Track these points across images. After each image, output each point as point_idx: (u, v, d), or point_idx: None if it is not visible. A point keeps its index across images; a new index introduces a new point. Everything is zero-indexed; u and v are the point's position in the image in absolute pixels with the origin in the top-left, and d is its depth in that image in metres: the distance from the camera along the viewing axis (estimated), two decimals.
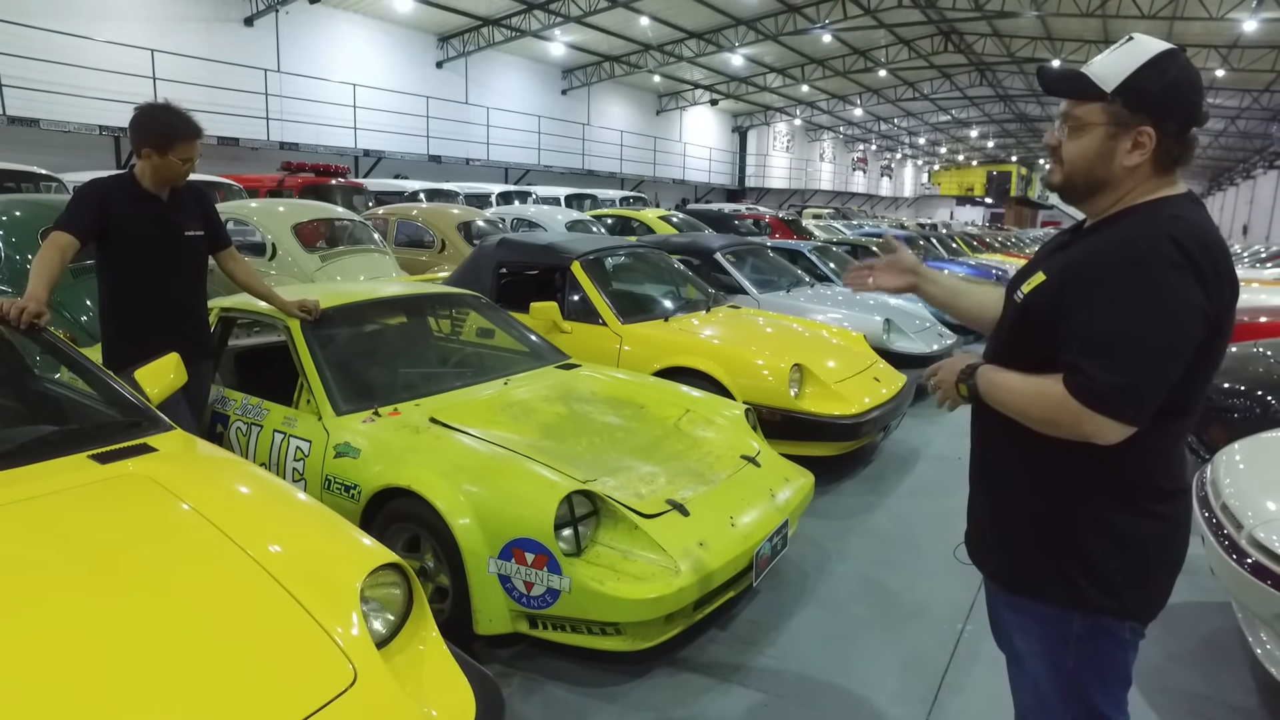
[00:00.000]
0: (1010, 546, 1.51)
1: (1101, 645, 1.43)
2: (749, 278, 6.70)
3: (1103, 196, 1.40)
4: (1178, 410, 1.34)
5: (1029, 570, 1.47)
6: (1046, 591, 1.45)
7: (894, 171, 48.56)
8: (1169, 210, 1.33)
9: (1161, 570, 1.44)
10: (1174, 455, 1.41)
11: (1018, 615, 1.52)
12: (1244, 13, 16.35)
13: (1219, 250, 1.29)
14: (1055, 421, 1.32)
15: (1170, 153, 1.34)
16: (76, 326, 4.25)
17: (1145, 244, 1.27)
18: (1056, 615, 1.44)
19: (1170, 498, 1.40)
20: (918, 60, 24.52)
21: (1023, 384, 1.38)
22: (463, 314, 4.46)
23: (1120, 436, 1.27)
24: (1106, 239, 1.35)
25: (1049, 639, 1.47)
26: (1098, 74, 1.35)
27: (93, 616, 1.52)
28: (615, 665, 2.66)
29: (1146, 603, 1.44)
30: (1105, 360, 1.25)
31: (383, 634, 1.75)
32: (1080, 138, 1.37)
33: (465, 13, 18.00)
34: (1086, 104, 1.36)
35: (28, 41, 11.36)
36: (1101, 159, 1.36)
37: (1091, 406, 1.26)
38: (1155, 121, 1.32)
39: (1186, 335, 1.26)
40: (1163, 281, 1.24)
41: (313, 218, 6.95)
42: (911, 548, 3.73)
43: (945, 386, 1.53)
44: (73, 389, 2.65)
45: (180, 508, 1.89)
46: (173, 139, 2.81)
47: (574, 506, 2.53)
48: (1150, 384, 1.26)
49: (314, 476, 2.95)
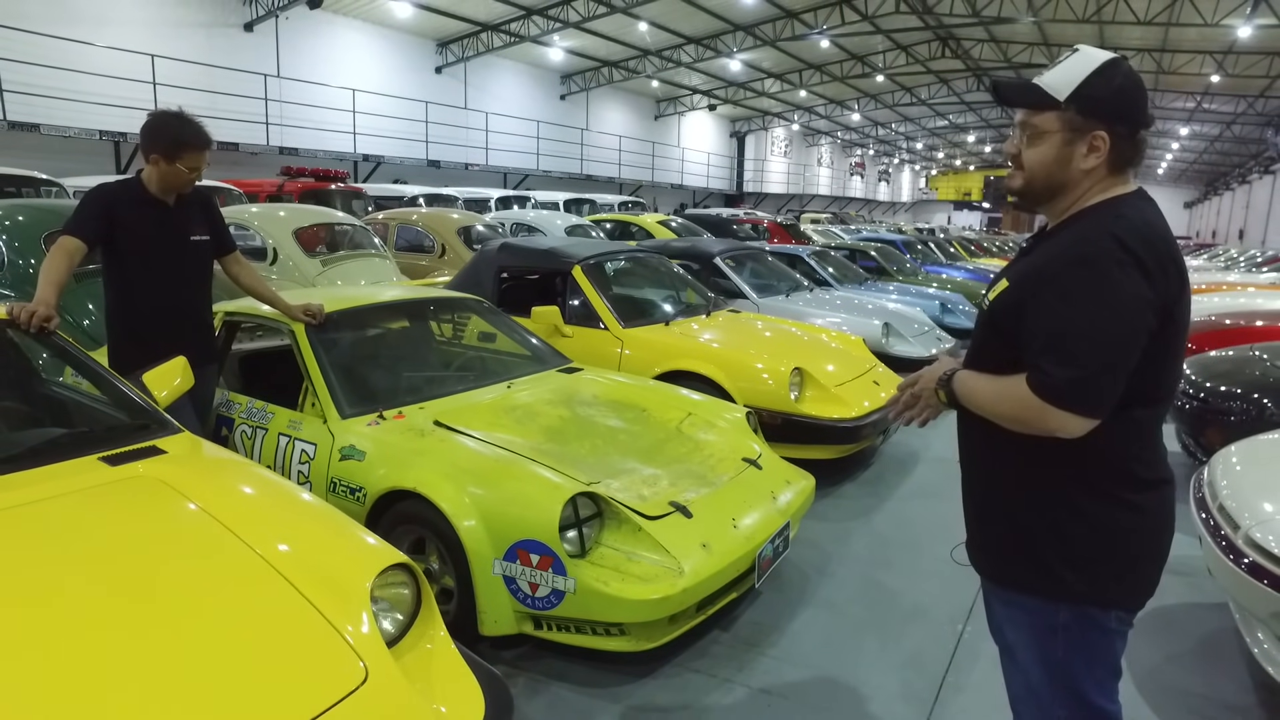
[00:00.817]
0: (996, 540, 1.57)
1: (1089, 635, 1.47)
2: (748, 282, 6.73)
3: (1061, 199, 1.47)
4: (1145, 400, 1.39)
5: (1014, 563, 1.53)
6: (1031, 583, 1.50)
7: (891, 176, 48.69)
8: (1115, 210, 1.40)
9: (1144, 560, 1.48)
10: (1150, 445, 1.46)
11: (1007, 608, 1.58)
12: (1238, 19, 16.44)
13: (1162, 243, 1.36)
14: (1021, 418, 1.38)
15: (1123, 154, 1.42)
16: (79, 330, 4.27)
17: (1091, 245, 1.35)
18: (1043, 606, 1.49)
19: (1149, 487, 1.45)
20: (915, 66, 24.62)
21: (991, 385, 1.45)
22: (465, 318, 4.48)
23: (1083, 429, 1.33)
24: (1058, 243, 1.43)
25: (1037, 629, 1.52)
26: (1050, 84, 1.42)
27: (105, 616, 1.54)
28: (619, 666, 2.68)
29: (1131, 592, 1.48)
30: (1060, 356, 1.31)
31: (392, 633, 1.77)
32: (1039, 145, 1.45)
33: (464, 18, 18.07)
34: (1042, 113, 1.44)
35: (29, 47, 11.39)
36: (1060, 163, 1.44)
37: (1052, 401, 1.32)
38: (1108, 125, 1.40)
39: (1136, 327, 1.32)
40: (1109, 278, 1.32)
41: (313, 222, 6.97)
42: (911, 549, 3.75)
43: (926, 395, 1.59)
44: (81, 392, 2.67)
45: (190, 509, 1.91)
46: (181, 148, 2.84)
47: (578, 508, 2.55)
48: (1104, 376, 1.31)
49: (319, 479, 2.97)
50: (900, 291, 8.45)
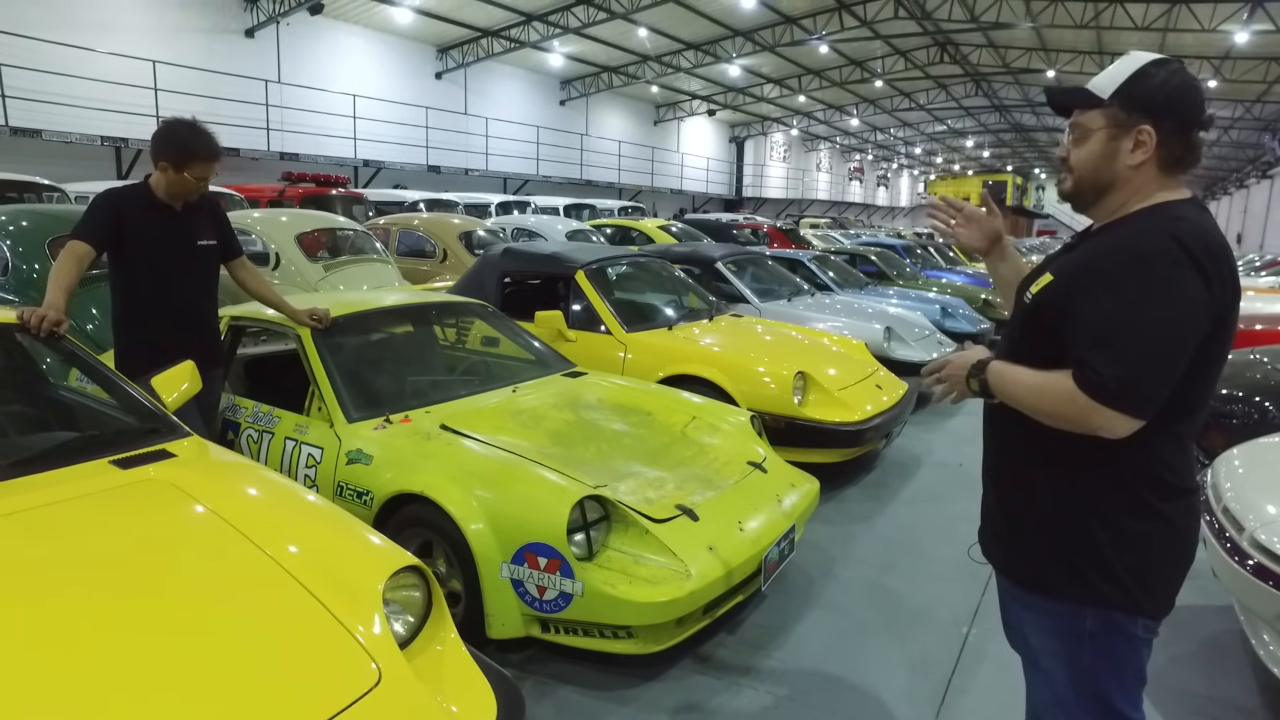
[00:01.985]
0: (1023, 543, 1.54)
1: (1115, 641, 1.45)
2: (750, 287, 6.75)
3: (1110, 199, 1.45)
4: (1184, 408, 1.37)
5: (1042, 566, 1.50)
6: (1059, 587, 1.47)
7: (890, 181, 48.78)
8: (1172, 212, 1.37)
9: (1171, 567, 1.46)
10: (1183, 453, 1.43)
11: (1032, 613, 1.54)
12: (1235, 24, 16.52)
13: (1221, 251, 1.33)
14: (1064, 415, 1.35)
15: (1174, 152, 1.39)
16: (83, 335, 4.28)
17: (1149, 242, 1.32)
18: (1070, 611, 1.46)
19: (1180, 495, 1.42)
20: (914, 71, 24.69)
21: (1033, 378, 1.41)
22: (469, 322, 4.49)
23: (1128, 430, 1.30)
24: (1111, 239, 1.40)
25: (1063, 635, 1.49)
26: (1097, 85, 1.44)
27: (118, 618, 1.55)
28: (627, 668, 2.69)
29: (1158, 599, 1.45)
30: (1111, 354, 1.28)
31: (403, 636, 1.78)
32: (1085, 143, 1.45)
33: (464, 24, 18.12)
34: (1089, 112, 1.44)
35: (31, 53, 11.41)
36: (1105, 160, 1.42)
37: (1099, 399, 1.29)
38: (1153, 120, 1.38)
39: (1190, 330, 1.29)
40: (1166, 278, 1.28)
41: (316, 227, 6.99)
42: (916, 552, 3.76)
43: (955, 380, 1.55)
44: (91, 396, 2.68)
45: (201, 512, 1.92)
46: (190, 157, 2.85)
47: (586, 511, 2.56)
48: (1155, 377, 1.29)
49: (326, 483, 2.97)
50: (901, 296, 8.47)
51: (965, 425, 5.96)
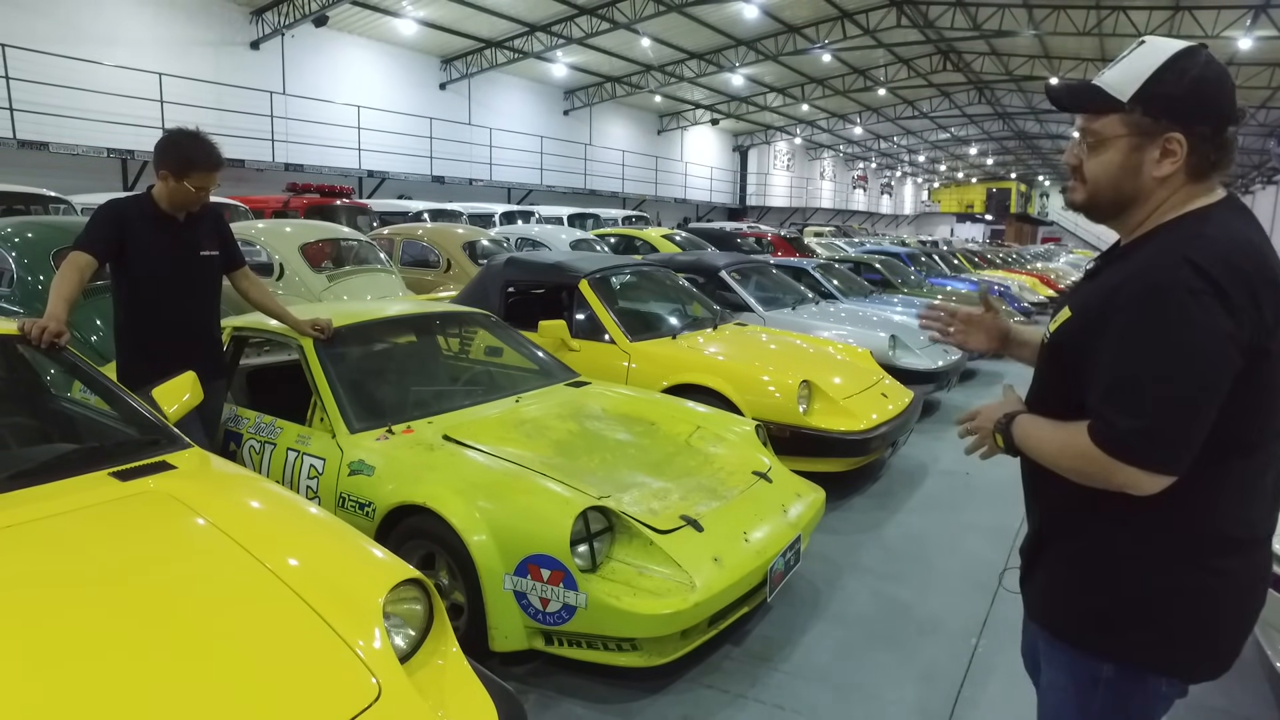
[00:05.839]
0: (1048, 582, 1.40)
1: (1131, 694, 1.31)
2: (754, 295, 6.73)
3: (1134, 212, 1.29)
4: (1239, 447, 1.21)
5: (1062, 609, 1.37)
6: (1079, 633, 1.34)
7: (894, 189, 48.80)
8: (1193, 228, 1.21)
9: (1219, 627, 1.28)
10: (1246, 499, 1.25)
11: (1049, 646, 1.42)
12: (1239, 30, 16.52)
13: (1251, 265, 1.16)
14: (1085, 473, 1.22)
15: (1205, 157, 1.23)
16: (87, 346, 4.28)
17: (1161, 272, 1.16)
18: (1088, 654, 1.34)
19: (1241, 548, 1.26)
20: (917, 79, 24.72)
21: (1053, 433, 1.28)
22: (472, 332, 4.48)
23: (1155, 487, 1.16)
24: (1128, 268, 1.23)
25: (1076, 675, 1.36)
26: (1111, 84, 1.25)
27: (116, 632, 1.53)
28: (631, 681, 2.66)
29: (1195, 661, 1.29)
30: (1126, 404, 1.15)
31: (404, 649, 1.76)
32: (1102, 153, 1.27)
33: (468, 35, 18.21)
34: (1104, 117, 1.26)
35: (39, 66, 11.50)
36: (1128, 173, 1.25)
37: (1117, 456, 1.15)
38: (1184, 127, 1.21)
39: (1215, 367, 1.14)
40: (1181, 313, 1.13)
41: (319, 238, 7.00)
42: (922, 562, 3.72)
43: (982, 434, 1.43)
44: (91, 407, 2.67)
45: (201, 524, 1.90)
46: (190, 167, 2.85)
47: (589, 522, 2.54)
48: (1178, 427, 1.14)
49: (328, 494, 2.96)
50: (905, 304, 8.43)
51: None
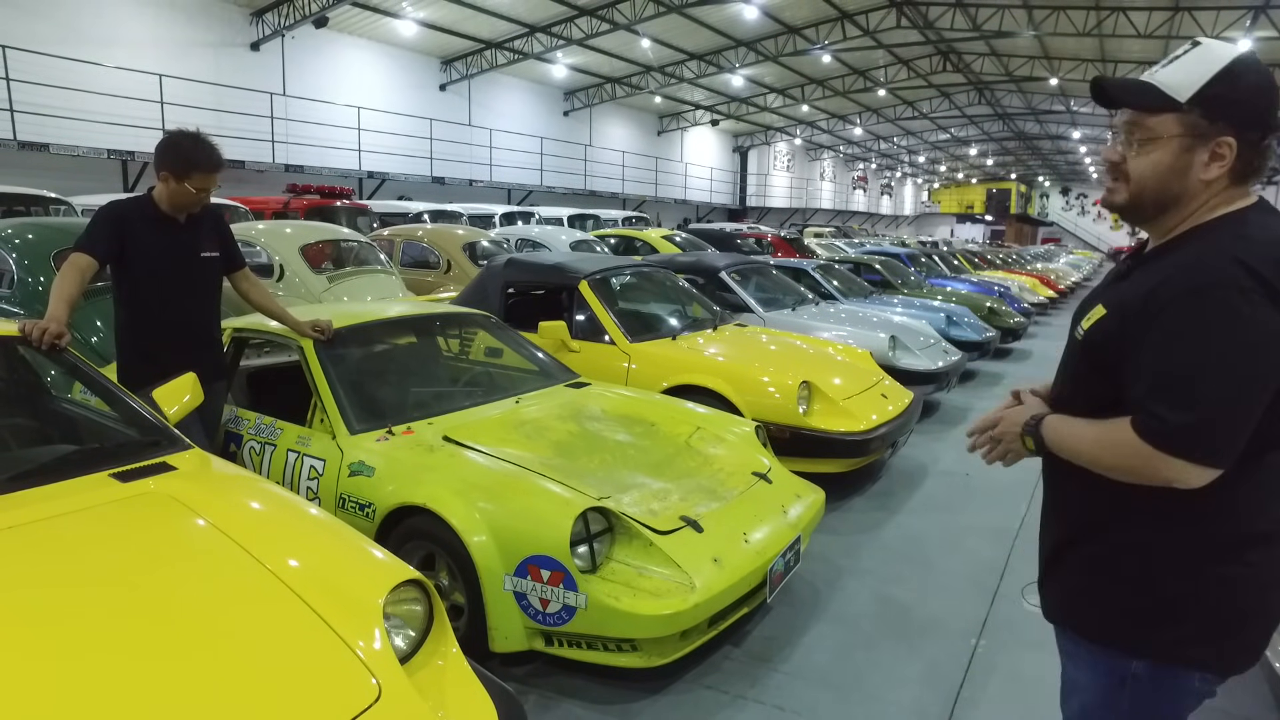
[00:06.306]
0: (1076, 586, 1.40)
1: (1161, 691, 1.32)
2: (754, 296, 6.73)
3: (1172, 214, 1.30)
4: (1277, 441, 1.22)
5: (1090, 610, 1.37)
6: (1111, 634, 1.34)
7: (894, 190, 48.83)
8: (1237, 229, 1.23)
9: (1258, 621, 1.31)
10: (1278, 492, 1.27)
11: (1073, 644, 1.42)
12: (1238, 31, 16.52)
13: None
14: (1130, 468, 1.23)
15: (1250, 164, 1.25)
16: (88, 348, 4.28)
17: (1209, 271, 1.19)
18: (1117, 652, 1.34)
19: (1269, 540, 1.27)
20: (916, 80, 24.74)
21: (1092, 431, 1.28)
22: (472, 333, 4.49)
23: (1202, 480, 1.18)
24: (1169, 266, 1.25)
25: (1102, 674, 1.36)
26: (1168, 83, 1.26)
27: (116, 633, 1.53)
28: (631, 682, 2.66)
29: (1228, 654, 1.31)
30: (1175, 399, 1.17)
31: (404, 650, 1.76)
32: (1151, 151, 1.27)
33: (468, 36, 18.23)
34: (1158, 115, 1.26)
35: (39, 68, 11.51)
36: (1176, 173, 1.26)
37: (1166, 450, 1.17)
38: (1236, 131, 1.23)
39: (1265, 365, 1.16)
40: (1231, 309, 1.16)
41: (320, 239, 7.01)
42: (922, 563, 3.72)
43: (1008, 439, 1.42)
44: (91, 409, 2.67)
45: (201, 525, 1.91)
46: (191, 168, 2.86)
47: (589, 523, 2.54)
48: (1228, 421, 1.17)
49: (328, 495, 2.96)
50: (905, 304, 8.45)
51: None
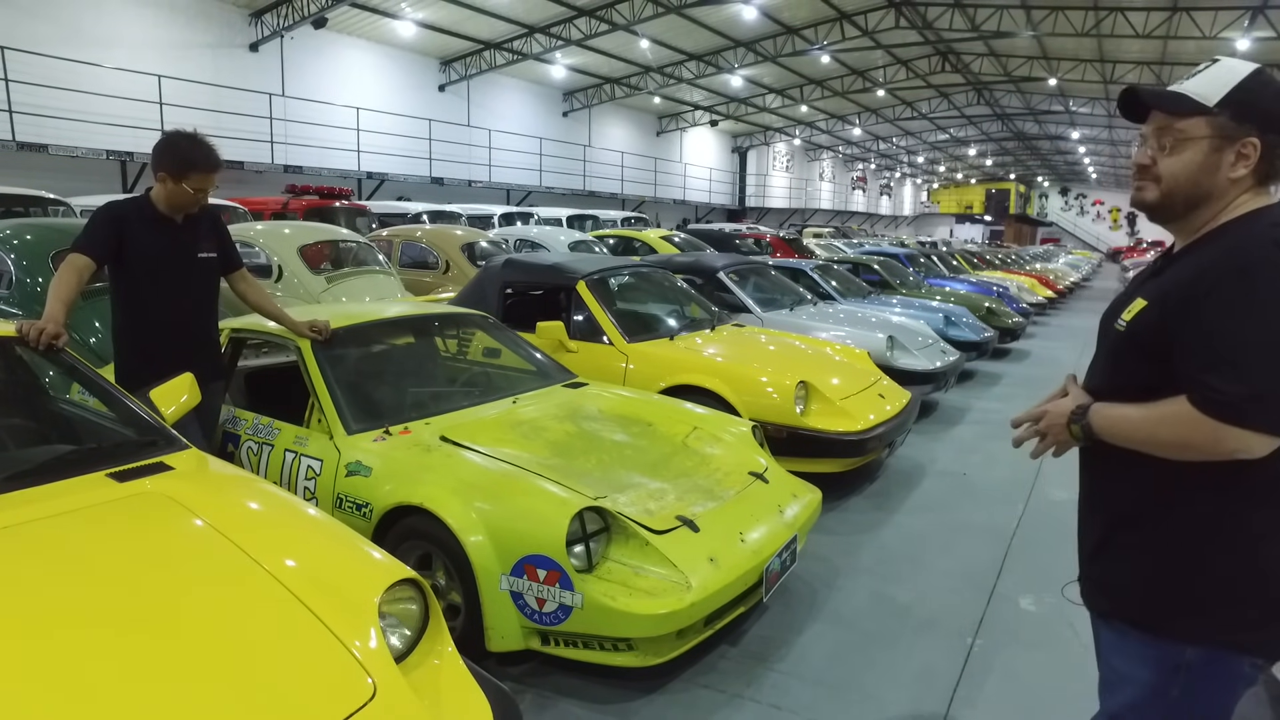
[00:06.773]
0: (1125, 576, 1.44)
1: (1214, 676, 1.35)
2: (752, 296, 6.74)
3: (1200, 213, 1.39)
4: None
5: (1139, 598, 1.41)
6: (1162, 621, 1.37)
7: (893, 190, 48.86)
8: (1269, 218, 1.33)
9: None
10: None
11: (1120, 637, 1.45)
12: (1236, 31, 16.55)
13: None
14: (1190, 443, 1.28)
15: (1273, 164, 1.35)
16: (85, 348, 4.29)
17: (1254, 251, 1.27)
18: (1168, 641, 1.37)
19: None
20: (915, 80, 24.76)
21: (1145, 412, 1.34)
22: (470, 334, 4.49)
23: (1266, 448, 1.24)
24: (1208, 255, 1.33)
25: (1153, 664, 1.39)
26: (1197, 91, 1.35)
27: (114, 632, 1.53)
28: (627, 681, 2.66)
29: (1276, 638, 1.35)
30: (1231, 371, 1.23)
31: (400, 649, 1.76)
32: (1182, 152, 1.37)
33: (467, 37, 18.24)
34: (1188, 119, 1.35)
35: (38, 69, 11.51)
36: (1206, 172, 1.35)
37: (1227, 420, 1.23)
38: (1261, 133, 1.32)
39: None
40: (1277, 285, 1.24)
41: (318, 239, 7.01)
42: (919, 563, 3.73)
43: (1055, 430, 1.48)
44: (88, 409, 2.68)
45: (198, 525, 1.91)
46: (188, 168, 2.86)
47: (585, 523, 2.55)
48: None
49: (325, 495, 2.96)
50: (904, 305, 8.46)
51: (969, 434, 5.94)
